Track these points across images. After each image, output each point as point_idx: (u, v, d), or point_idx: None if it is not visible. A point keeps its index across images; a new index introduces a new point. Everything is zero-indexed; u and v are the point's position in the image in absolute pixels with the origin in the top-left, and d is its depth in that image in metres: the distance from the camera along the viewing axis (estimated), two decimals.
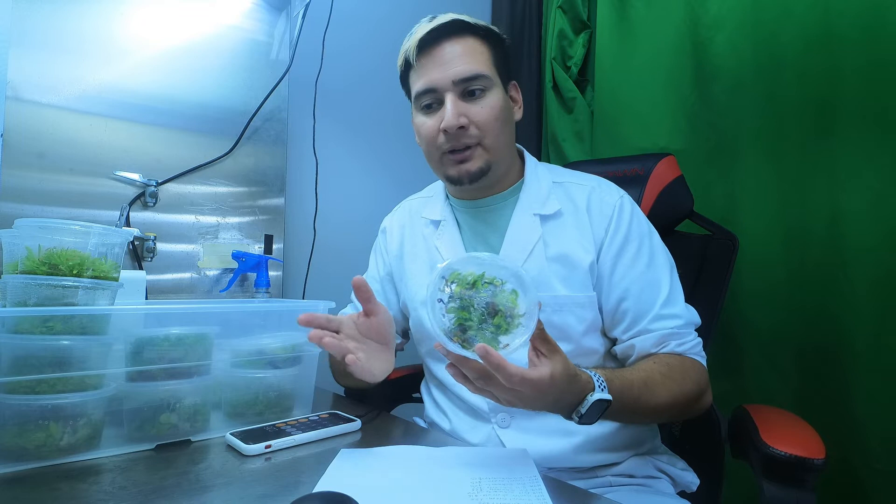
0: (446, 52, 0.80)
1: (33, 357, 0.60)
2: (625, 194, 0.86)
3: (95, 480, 0.57)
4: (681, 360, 0.76)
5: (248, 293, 1.33)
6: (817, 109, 1.16)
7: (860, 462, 1.08)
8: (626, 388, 0.67)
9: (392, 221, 1.02)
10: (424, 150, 0.86)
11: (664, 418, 0.79)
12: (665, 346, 0.77)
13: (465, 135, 0.80)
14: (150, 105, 1.20)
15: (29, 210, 1.04)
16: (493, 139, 0.81)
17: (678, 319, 0.78)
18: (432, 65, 0.80)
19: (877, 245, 1.06)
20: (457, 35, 0.80)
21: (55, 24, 1.08)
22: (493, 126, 0.80)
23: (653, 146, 1.44)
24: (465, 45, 0.80)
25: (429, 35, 0.80)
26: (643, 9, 1.51)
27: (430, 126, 0.82)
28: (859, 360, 1.09)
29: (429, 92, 0.81)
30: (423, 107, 0.83)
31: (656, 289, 0.79)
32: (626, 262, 0.80)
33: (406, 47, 0.83)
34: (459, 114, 0.78)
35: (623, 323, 0.79)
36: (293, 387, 0.82)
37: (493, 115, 0.80)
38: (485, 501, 0.52)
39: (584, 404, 0.61)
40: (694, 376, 0.76)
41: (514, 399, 0.59)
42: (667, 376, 0.72)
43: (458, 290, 0.59)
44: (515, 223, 0.84)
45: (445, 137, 0.80)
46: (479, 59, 0.81)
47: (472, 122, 0.79)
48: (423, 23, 0.82)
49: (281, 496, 0.54)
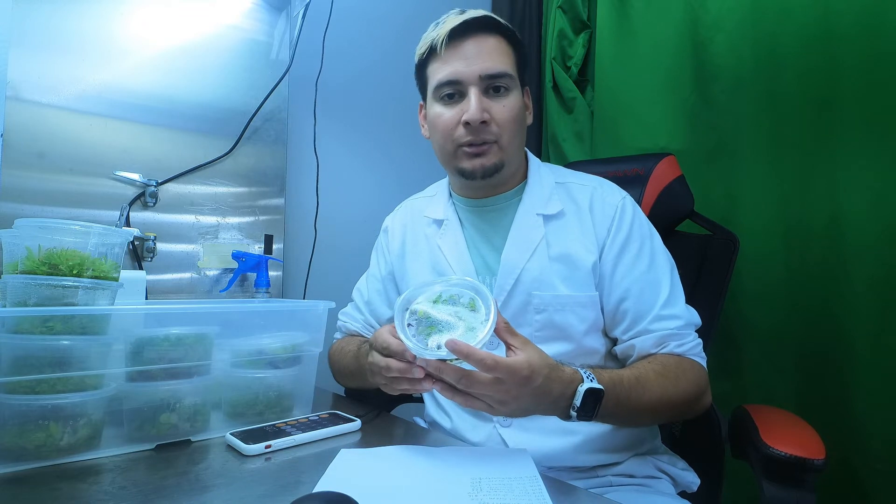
0: (474, 47, 0.80)
1: (33, 357, 0.60)
2: (627, 195, 0.86)
3: (95, 480, 0.57)
4: (678, 360, 0.76)
5: (248, 293, 1.33)
6: (817, 109, 1.16)
7: (860, 462, 1.08)
8: (616, 381, 0.67)
9: (394, 221, 1.02)
10: (437, 142, 0.86)
11: (662, 417, 0.77)
12: (665, 347, 0.77)
13: (486, 130, 0.80)
14: (150, 105, 1.20)
15: (29, 210, 1.04)
16: (509, 139, 0.82)
17: (678, 320, 0.78)
18: (458, 57, 0.80)
19: (877, 244, 1.06)
20: (486, 31, 0.81)
21: (55, 24, 1.08)
22: (511, 126, 0.81)
23: (653, 146, 1.44)
24: (492, 42, 0.81)
25: (460, 27, 0.80)
26: (643, 9, 1.51)
27: (449, 117, 0.82)
28: (859, 360, 1.08)
29: (452, 83, 0.81)
30: (444, 97, 0.83)
31: (657, 289, 0.79)
32: (627, 263, 0.80)
33: (433, 36, 0.83)
34: (483, 109, 0.79)
35: (623, 323, 0.79)
36: (293, 387, 0.82)
37: (512, 115, 0.81)
38: (485, 501, 0.52)
39: (576, 396, 0.62)
40: (691, 376, 0.75)
41: (503, 397, 0.59)
42: (661, 374, 0.72)
43: (422, 313, 0.64)
44: (518, 223, 0.84)
45: (466, 130, 0.80)
46: (504, 58, 0.81)
47: (494, 119, 0.80)
48: (453, 14, 0.83)
49: (281, 496, 0.54)
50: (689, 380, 0.75)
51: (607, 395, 0.64)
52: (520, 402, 0.60)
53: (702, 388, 0.77)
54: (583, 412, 0.62)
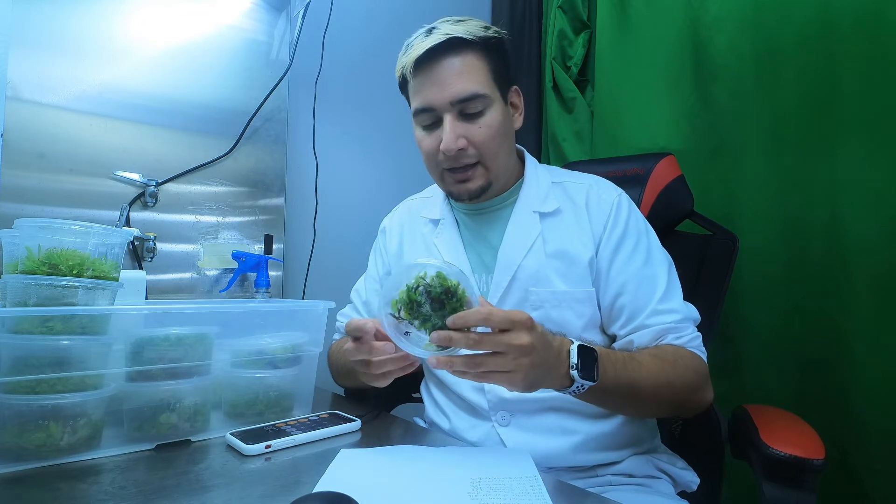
0: (444, 70, 0.78)
1: (33, 357, 0.60)
2: (622, 192, 0.87)
3: (95, 480, 0.57)
4: (675, 349, 0.76)
5: (248, 293, 1.33)
6: (817, 109, 1.16)
7: (860, 462, 1.08)
8: (608, 352, 0.68)
9: (391, 221, 1.02)
10: (425, 163, 0.86)
11: (662, 402, 0.74)
12: (662, 341, 0.77)
13: (465, 155, 0.80)
14: (150, 105, 1.20)
15: (29, 210, 1.04)
16: (493, 157, 0.81)
17: (675, 314, 0.77)
18: (429, 84, 0.79)
19: (877, 245, 1.06)
20: (454, 51, 0.78)
21: (55, 24, 1.08)
22: (491, 144, 0.80)
23: (653, 146, 1.44)
24: (462, 61, 0.78)
25: (424, 55, 0.78)
26: (643, 9, 1.51)
27: (429, 144, 0.82)
28: (860, 360, 1.08)
29: (426, 111, 0.80)
30: (423, 125, 0.83)
31: (653, 284, 0.79)
32: (623, 258, 0.80)
33: (402, 63, 0.82)
34: (458, 136, 0.78)
35: (620, 319, 0.79)
36: (293, 387, 0.82)
37: (491, 135, 0.79)
38: (485, 501, 0.52)
39: (571, 355, 0.63)
40: (690, 364, 0.75)
41: (513, 364, 0.58)
42: (656, 356, 0.73)
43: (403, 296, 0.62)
44: (515, 221, 0.85)
45: (445, 157, 0.80)
46: (476, 76, 0.78)
47: (471, 143, 0.79)
48: (420, 36, 0.80)
49: (281, 496, 0.54)
50: (687, 366, 0.74)
51: (602, 361, 0.65)
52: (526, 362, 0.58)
53: (701, 377, 0.76)
54: (584, 371, 0.62)
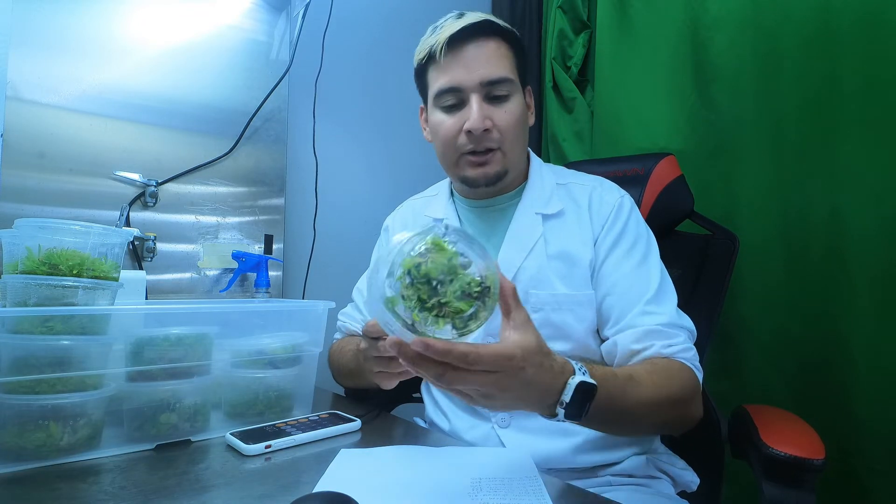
0: (474, 53, 0.78)
1: (33, 357, 0.60)
2: (626, 194, 0.86)
3: (95, 480, 0.57)
4: (667, 362, 0.71)
5: (248, 293, 1.33)
6: (817, 109, 1.16)
7: (860, 462, 1.08)
8: (609, 376, 0.62)
9: (394, 220, 1.02)
10: (439, 150, 0.85)
11: (653, 421, 0.70)
12: (650, 347, 0.72)
13: (488, 138, 0.79)
14: (150, 105, 1.20)
15: (29, 210, 1.04)
16: (512, 145, 0.81)
17: (663, 316, 0.74)
18: (458, 64, 0.79)
19: (877, 245, 1.06)
20: (485, 36, 0.79)
21: (55, 24, 1.08)
22: (513, 131, 0.80)
23: (653, 146, 1.44)
24: (492, 46, 0.79)
25: (459, 33, 0.78)
26: (643, 9, 1.50)
27: (450, 125, 0.81)
28: (860, 360, 1.08)
29: (453, 91, 0.80)
30: (445, 105, 0.82)
31: (644, 286, 0.77)
32: (616, 258, 0.79)
33: (431, 42, 0.81)
34: (485, 116, 0.78)
35: (609, 320, 0.77)
36: (293, 387, 0.82)
37: (514, 121, 0.80)
38: (485, 501, 0.52)
39: (566, 390, 0.54)
40: (680, 377, 0.70)
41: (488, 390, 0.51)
42: (652, 372, 0.68)
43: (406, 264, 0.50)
44: (517, 221, 0.84)
45: (468, 139, 0.79)
46: (505, 62, 0.80)
47: (496, 126, 0.79)
48: (451, 19, 0.81)
49: (281, 496, 0.54)
50: (676, 381, 0.69)
51: (599, 392, 0.56)
52: (506, 394, 0.52)
53: (688, 391, 0.70)
54: (571, 409, 0.54)
